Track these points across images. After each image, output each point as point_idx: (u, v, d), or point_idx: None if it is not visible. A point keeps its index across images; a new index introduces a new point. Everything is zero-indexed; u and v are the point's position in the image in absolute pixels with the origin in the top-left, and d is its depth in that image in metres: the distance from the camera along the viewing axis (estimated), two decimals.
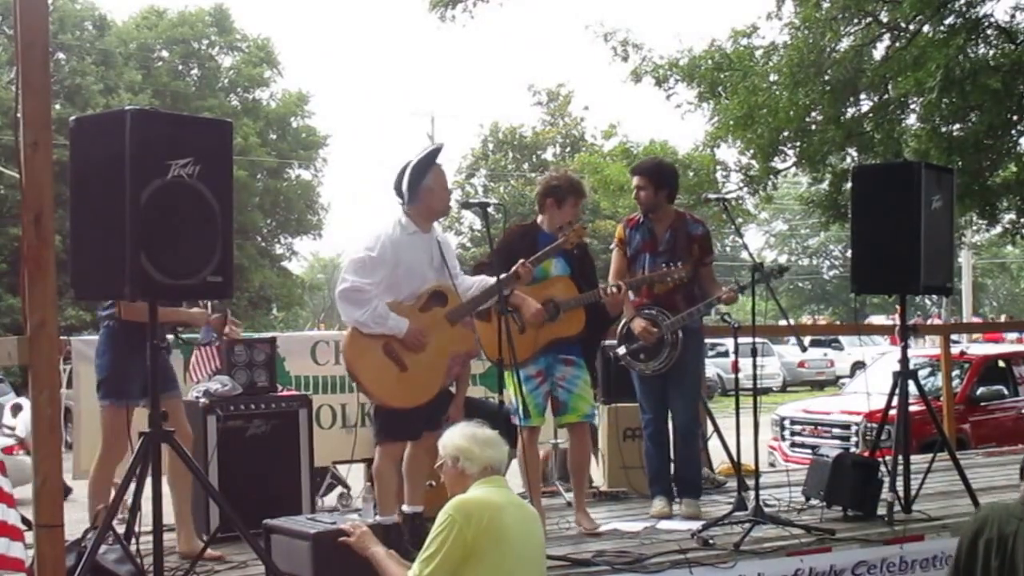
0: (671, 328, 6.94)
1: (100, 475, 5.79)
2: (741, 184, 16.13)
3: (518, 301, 6.36)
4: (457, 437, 4.62)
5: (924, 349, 16.07)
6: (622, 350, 7.12)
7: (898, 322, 7.60)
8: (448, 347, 5.94)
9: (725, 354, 10.34)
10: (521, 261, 6.11)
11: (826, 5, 14.37)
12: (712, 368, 24.36)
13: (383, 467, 5.86)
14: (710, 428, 8.57)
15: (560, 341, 6.52)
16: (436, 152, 6.10)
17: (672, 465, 7.30)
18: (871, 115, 14.80)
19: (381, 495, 5.88)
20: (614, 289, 6.56)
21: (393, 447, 5.84)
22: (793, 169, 16.21)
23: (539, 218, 6.77)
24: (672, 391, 7.13)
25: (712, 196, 7.17)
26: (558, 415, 6.74)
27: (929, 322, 30.60)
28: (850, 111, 15.02)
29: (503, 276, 6.00)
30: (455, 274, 6.07)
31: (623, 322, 7.13)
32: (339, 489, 8.34)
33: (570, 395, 6.59)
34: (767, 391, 27.48)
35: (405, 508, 5.90)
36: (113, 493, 5.51)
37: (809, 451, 12.78)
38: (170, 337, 6.24)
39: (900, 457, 7.03)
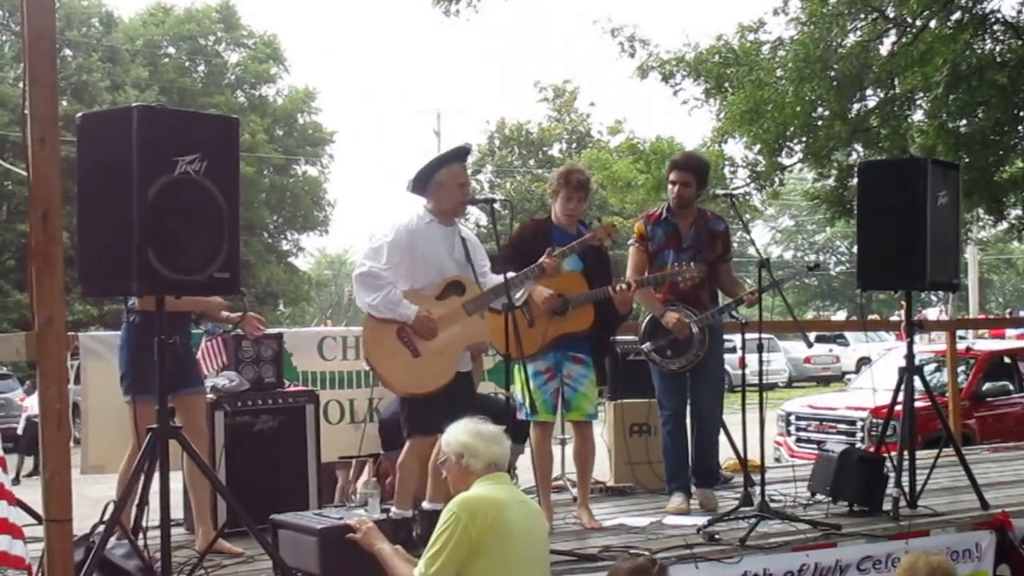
0: (699, 324, 6.97)
1: (129, 469, 5.74)
2: (748, 180, 16.13)
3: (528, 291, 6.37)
4: (461, 433, 4.62)
5: (929, 345, 16.06)
6: (647, 346, 7.12)
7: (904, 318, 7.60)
8: (463, 336, 5.95)
9: (732, 350, 10.32)
10: (548, 251, 6.15)
11: (832, 0, 14.35)
12: None
13: (409, 462, 5.84)
14: None
15: (569, 336, 6.52)
16: (459, 151, 6.15)
17: (691, 456, 7.34)
18: (877, 111, 14.80)
19: (401, 488, 5.87)
20: (623, 286, 6.57)
21: (423, 442, 5.76)
22: (799, 165, 16.20)
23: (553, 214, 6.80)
24: (699, 388, 7.17)
25: (719, 192, 7.16)
26: (564, 411, 6.76)
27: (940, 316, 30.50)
28: (856, 107, 15.01)
29: (531, 268, 6.08)
30: (481, 272, 6.08)
31: (648, 317, 7.16)
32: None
33: (575, 393, 6.59)
34: (773, 387, 27.44)
35: (426, 505, 5.88)
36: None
37: (815, 447, 12.80)
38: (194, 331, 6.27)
39: (906, 453, 7.03)
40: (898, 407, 7.22)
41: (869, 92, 15.03)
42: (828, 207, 16.50)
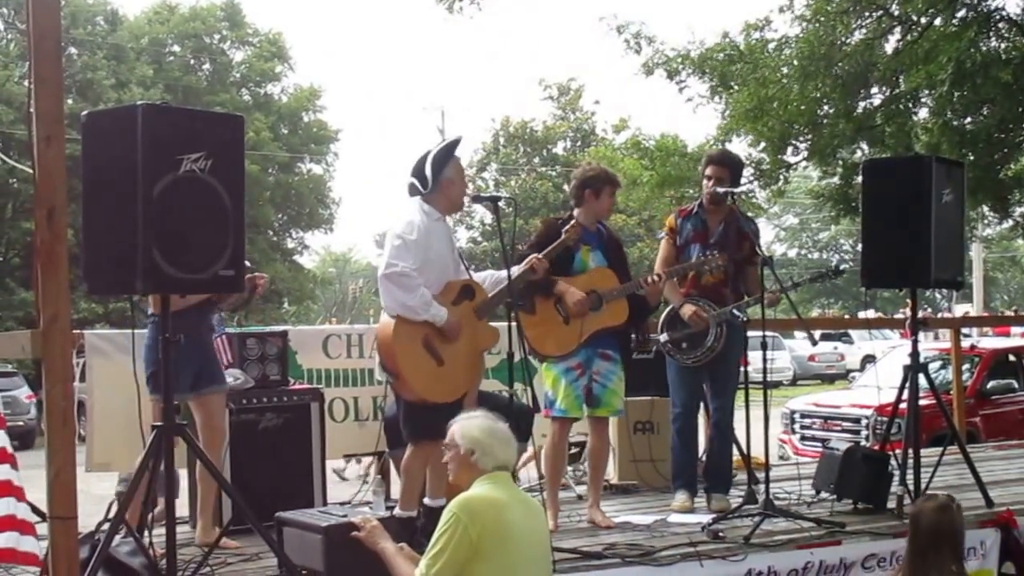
0: (717, 319, 6.98)
1: None
2: (752, 178, 16.12)
3: (561, 290, 6.41)
4: (476, 430, 4.54)
5: (934, 343, 16.06)
6: (664, 337, 7.14)
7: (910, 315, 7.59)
8: (477, 343, 5.97)
9: None
10: (533, 255, 6.16)
11: None
12: None
13: (414, 465, 5.82)
14: None
15: (604, 332, 6.53)
16: (455, 144, 6.13)
17: (704, 458, 7.33)
18: (882, 108, 14.79)
19: (406, 490, 5.87)
20: (654, 278, 6.61)
21: (429, 446, 5.65)
22: (804, 163, 16.20)
23: (575, 211, 6.78)
24: (712, 385, 7.21)
25: (723, 190, 7.13)
26: (590, 408, 6.74)
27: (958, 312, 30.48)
28: (861, 104, 15.00)
29: (517, 271, 6.06)
30: (467, 268, 6.10)
31: (667, 309, 7.19)
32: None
33: (604, 390, 6.60)
34: (777, 385, 27.51)
35: (427, 502, 5.88)
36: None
37: (819, 444, 12.75)
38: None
39: (910, 450, 7.02)
40: (903, 405, 7.21)
41: (874, 90, 15.03)
42: (832, 205, 16.50)
